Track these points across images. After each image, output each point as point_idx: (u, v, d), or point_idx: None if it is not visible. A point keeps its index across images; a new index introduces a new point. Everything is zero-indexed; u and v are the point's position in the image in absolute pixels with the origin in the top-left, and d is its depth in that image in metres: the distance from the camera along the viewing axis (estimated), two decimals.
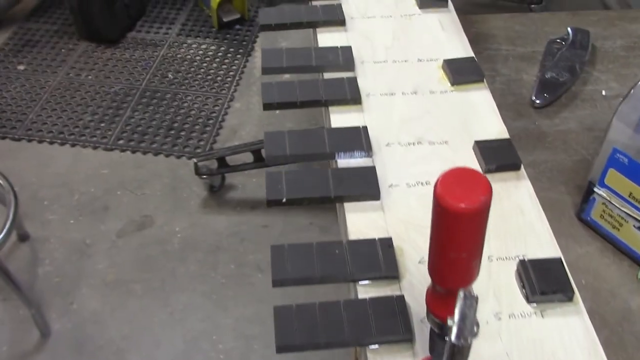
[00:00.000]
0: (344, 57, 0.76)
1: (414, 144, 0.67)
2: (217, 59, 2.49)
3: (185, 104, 2.21)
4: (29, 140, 1.97)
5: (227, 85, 2.32)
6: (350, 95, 0.71)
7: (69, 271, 1.55)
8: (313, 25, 0.81)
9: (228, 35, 2.60)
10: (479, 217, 0.34)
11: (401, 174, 0.64)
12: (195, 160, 1.79)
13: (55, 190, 1.80)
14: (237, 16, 2.55)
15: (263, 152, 1.80)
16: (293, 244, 0.57)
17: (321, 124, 0.76)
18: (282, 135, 0.66)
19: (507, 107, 0.81)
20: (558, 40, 0.89)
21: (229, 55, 2.51)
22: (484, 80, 0.74)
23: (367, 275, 0.55)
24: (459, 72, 0.74)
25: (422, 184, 0.63)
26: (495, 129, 0.69)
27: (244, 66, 2.43)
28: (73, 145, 1.97)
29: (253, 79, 2.29)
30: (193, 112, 2.18)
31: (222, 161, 1.80)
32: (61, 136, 2.02)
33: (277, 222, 1.68)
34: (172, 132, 2.09)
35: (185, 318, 1.43)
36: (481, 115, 0.70)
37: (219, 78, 2.38)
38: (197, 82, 2.32)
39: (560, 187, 0.72)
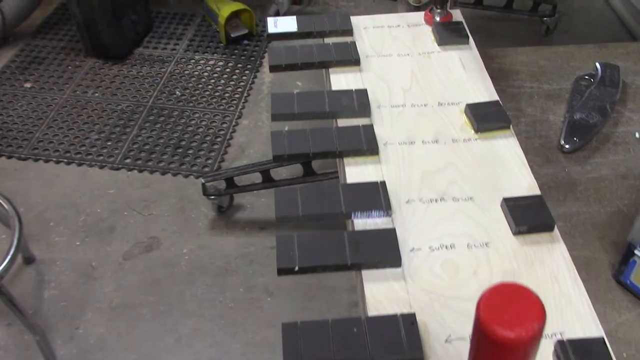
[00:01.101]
0: (359, 102, 0.71)
1: (436, 200, 0.62)
2: (225, 75, 2.46)
3: (193, 122, 2.17)
4: (35, 160, 1.94)
5: (235, 102, 2.28)
6: (367, 145, 0.66)
7: (75, 295, 1.51)
8: (326, 65, 0.76)
9: (236, 51, 2.56)
10: (530, 347, 0.29)
11: (423, 236, 0.59)
12: (203, 180, 1.76)
13: (62, 210, 1.77)
14: (245, 31, 2.52)
15: (272, 172, 1.77)
16: (306, 321, 0.52)
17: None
18: (293, 192, 0.61)
19: (533, 151, 0.76)
20: (586, 77, 0.84)
21: (237, 71, 2.47)
22: (510, 126, 0.69)
23: (389, 357, 0.50)
24: (484, 118, 0.69)
25: (446, 247, 0.58)
26: (524, 182, 0.64)
27: (252, 82, 2.39)
28: (79, 165, 1.94)
29: (261, 95, 2.25)
30: (201, 129, 2.14)
31: (230, 181, 1.77)
32: (67, 155, 1.99)
33: None
34: (180, 150, 2.06)
35: (192, 344, 1.38)
36: (508, 166, 0.65)
37: (226, 94, 2.34)
38: (204, 99, 2.29)
39: (595, 243, 0.66)
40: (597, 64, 0.84)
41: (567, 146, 0.75)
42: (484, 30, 2.35)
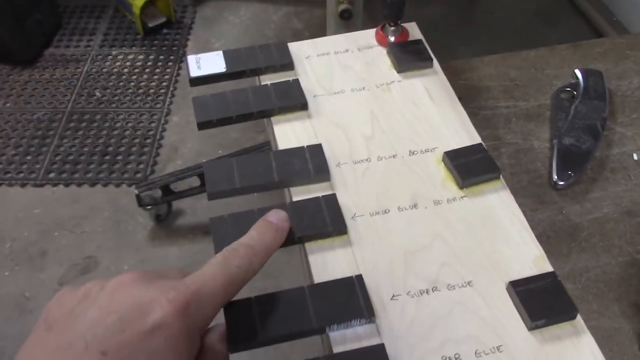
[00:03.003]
0: (315, 163, 0.57)
1: (427, 291, 0.50)
2: (147, 69, 2.29)
3: (118, 124, 2.02)
4: None
5: (161, 97, 2.12)
6: (332, 225, 0.52)
7: (9, 332, 1.37)
8: (266, 114, 0.62)
9: (156, 42, 2.41)
10: None
11: (419, 349, 0.46)
12: (136, 191, 1.62)
13: None
14: (163, 19, 2.37)
15: None
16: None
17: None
18: (247, 305, 0.47)
19: (522, 192, 0.64)
20: (567, 89, 0.72)
21: (160, 63, 2.32)
22: (500, 176, 0.57)
23: None
24: (468, 170, 0.56)
25: None
26: (529, 253, 0.52)
27: (177, 74, 2.23)
28: None
29: (189, 88, 2.09)
30: (128, 132, 1.99)
31: (166, 189, 1.66)
32: None
33: None
34: (108, 157, 1.90)
35: None
36: (507, 232, 0.53)
37: (151, 90, 2.18)
38: (128, 98, 2.12)
39: (613, 308, 0.56)
40: (577, 72, 0.73)
41: (561, 182, 0.63)
42: None
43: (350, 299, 0.48)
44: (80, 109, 2.06)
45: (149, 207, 1.63)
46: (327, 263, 0.51)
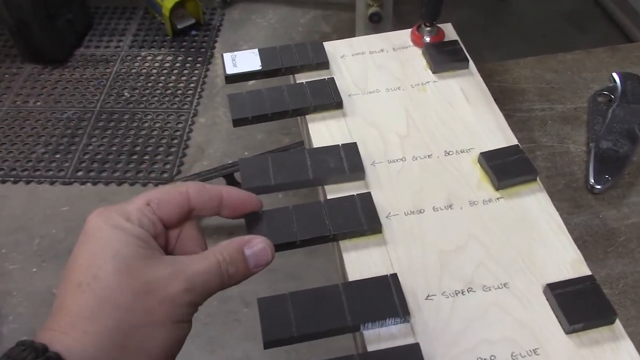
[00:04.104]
0: (350, 161, 0.57)
1: (462, 292, 0.49)
2: (176, 70, 2.31)
3: (146, 124, 2.03)
4: None
5: (188, 98, 2.14)
6: (367, 224, 0.52)
7: (37, 326, 1.38)
8: (301, 112, 0.62)
9: (184, 43, 2.42)
10: None
11: (454, 349, 0.46)
12: None
13: (13, 235, 1.64)
14: (192, 21, 2.39)
15: (236, 175, 1.64)
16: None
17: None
18: (283, 301, 0.47)
19: (558, 195, 0.63)
20: (604, 93, 0.71)
21: (188, 64, 2.33)
22: (537, 178, 0.56)
23: None
24: (504, 171, 0.56)
25: None
26: (567, 256, 0.51)
27: (205, 75, 2.25)
28: (28, 183, 1.80)
29: (216, 89, 2.10)
30: (155, 132, 2.00)
31: None
32: (13, 173, 1.84)
33: None
34: (135, 157, 1.92)
35: None
36: (544, 234, 0.52)
37: (179, 91, 2.19)
38: (156, 99, 2.14)
39: None
40: (615, 75, 0.72)
41: (598, 186, 0.62)
42: None
43: (385, 297, 0.48)
44: (109, 108, 2.08)
45: None
46: (362, 261, 0.51)
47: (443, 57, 0.66)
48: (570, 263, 0.50)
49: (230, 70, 0.65)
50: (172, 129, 2.02)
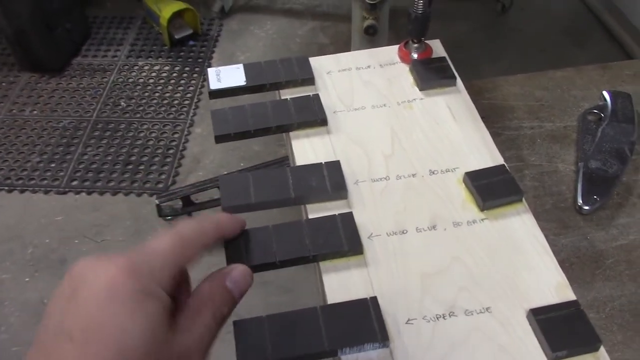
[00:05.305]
0: (333, 180, 0.56)
1: (444, 316, 0.48)
2: (172, 81, 2.30)
3: (142, 134, 2.03)
4: None
5: (185, 109, 2.13)
6: (348, 245, 0.51)
7: (28, 337, 1.37)
8: (285, 129, 0.61)
9: (182, 53, 2.42)
10: None
11: None
12: (157, 201, 1.62)
13: (6, 244, 1.63)
14: (190, 32, 2.38)
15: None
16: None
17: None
18: (260, 325, 0.46)
19: (546, 215, 0.62)
20: (594, 111, 0.70)
21: (185, 75, 2.32)
22: (523, 199, 0.55)
23: None
24: (489, 192, 0.55)
25: None
26: (551, 279, 0.50)
27: (202, 86, 2.24)
28: (22, 192, 1.79)
29: (213, 101, 2.10)
30: (151, 142, 1.99)
31: (187, 200, 1.65)
32: (8, 182, 1.83)
33: None
34: (130, 167, 1.91)
35: None
36: (528, 257, 0.51)
37: (175, 102, 2.19)
38: (152, 109, 2.13)
39: (638, 340, 0.53)
40: (605, 93, 0.71)
41: (586, 207, 0.61)
42: (442, 13, 2.23)
43: (364, 321, 0.47)
44: (105, 118, 2.08)
45: (169, 217, 1.63)
46: (342, 283, 0.50)
47: (430, 74, 0.65)
48: (555, 287, 0.49)
49: (214, 85, 0.64)
50: (168, 139, 2.01)
